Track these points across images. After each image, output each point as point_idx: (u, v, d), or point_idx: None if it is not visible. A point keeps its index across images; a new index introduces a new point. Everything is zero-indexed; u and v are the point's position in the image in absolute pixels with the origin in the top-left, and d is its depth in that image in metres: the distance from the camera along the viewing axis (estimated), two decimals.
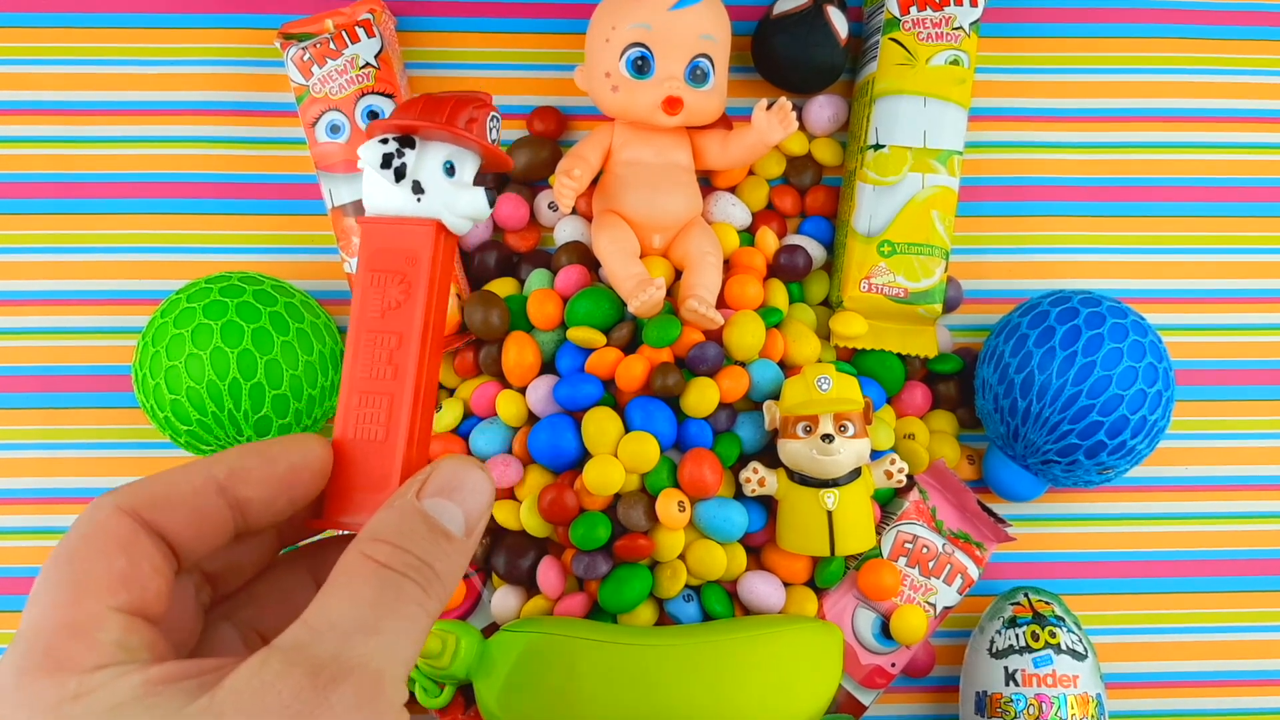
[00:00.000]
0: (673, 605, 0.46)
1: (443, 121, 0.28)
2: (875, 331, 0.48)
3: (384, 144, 0.28)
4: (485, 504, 0.25)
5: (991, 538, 0.47)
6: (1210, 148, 0.53)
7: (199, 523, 0.23)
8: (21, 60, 0.50)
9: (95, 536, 0.22)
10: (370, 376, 0.27)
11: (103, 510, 0.22)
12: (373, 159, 0.27)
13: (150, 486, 0.23)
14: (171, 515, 0.22)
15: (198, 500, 0.23)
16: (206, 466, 0.23)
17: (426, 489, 0.24)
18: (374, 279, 0.27)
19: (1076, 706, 0.43)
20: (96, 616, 0.21)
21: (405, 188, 0.27)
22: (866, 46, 0.50)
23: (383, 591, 0.22)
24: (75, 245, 0.50)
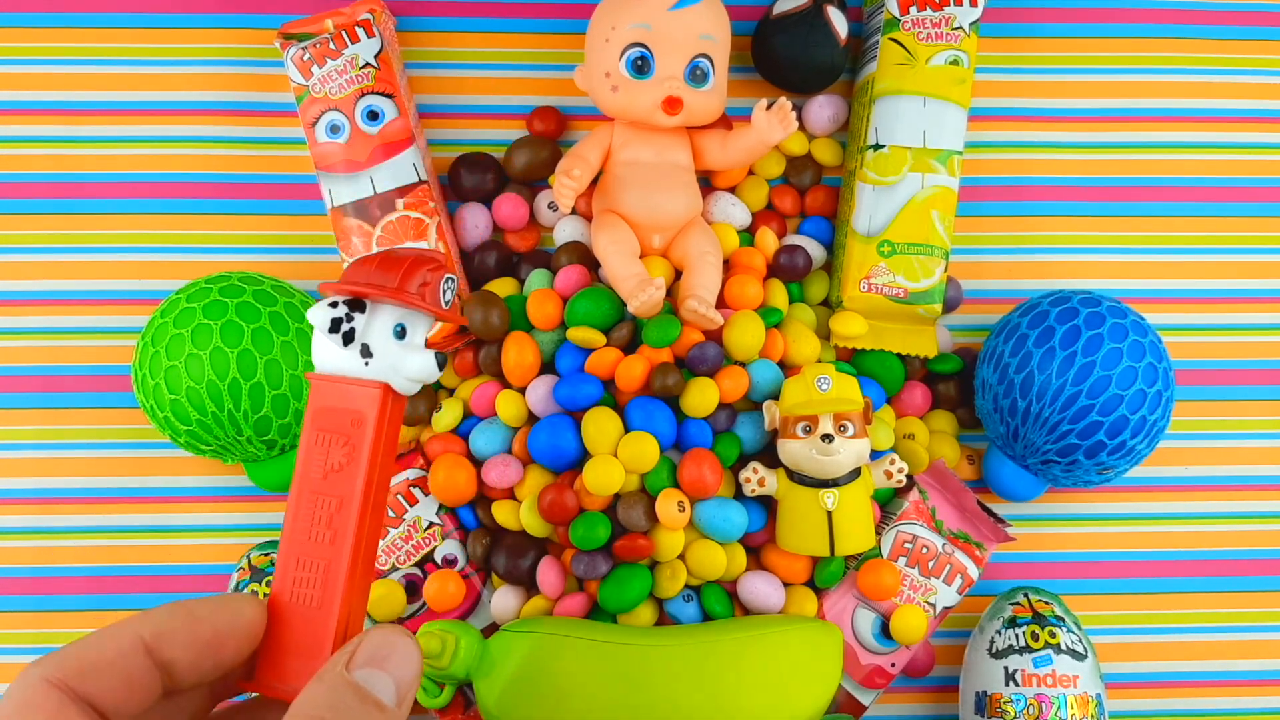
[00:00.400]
0: (672, 605, 0.46)
1: (394, 288, 0.27)
2: (875, 331, 0.48)
3: (333, 308, 0.27)
4: (415, 672, 0.25)
5: (991, 538, 0.47)
6: (1210, 148, 0.53)
7: (127, 686, 0.23)
8: (21, 60, 0.50)
9: (22, 714, 0.21)
10: (308, 539, 0.26)
11: (30, 684, 0.22)
12: (321, 322, 0.27)
13: (76, 653, 0.23)
14: (98, 681, 0.23)
15: (124, 664, 0.23)
16: (134, 627, 0.23)
17: (356, 660, 0.24)
18: (318, 438, 0.27)
19: (1076, 706, 0.43)
20: None
21: (353, 351, 0.27)
22: (866, 46, 0.50)
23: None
24: (75, 245, 0.50)
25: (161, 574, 0.49)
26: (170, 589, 0.49)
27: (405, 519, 0.46)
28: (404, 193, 0.46)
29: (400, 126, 0.47)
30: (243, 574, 0.45)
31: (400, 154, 0.46)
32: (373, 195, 0.46)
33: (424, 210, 0.47)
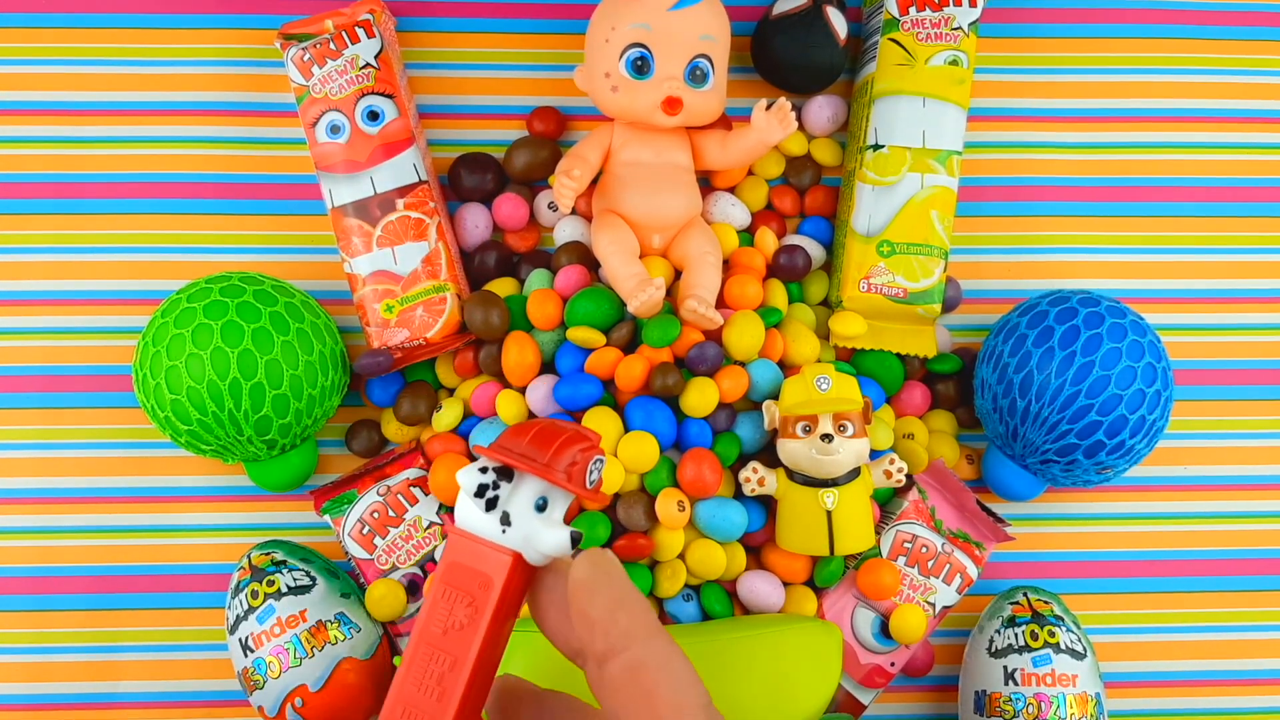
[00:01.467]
0: (672, 605, 0.46)
1: (543, 464, 0.27)
2: (874, 331, 0.48)
3: (483, 473, 0.27)
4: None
5: (990, 537, 0.47)
6: (1210, 148, 0.53)
7: None
8: (21, 60, 0.50)
9: None
10: (417, 690, 0.26)
11: None
12: (469, 485, 0.27)
13: None
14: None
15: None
16: None
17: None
18: (445, 591, 0.27)
19: (1075, 706, 0.43)
20: None
21: (494, 517, 0.27)
22: (866, 47, 0.50)
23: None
24: (75, 245, 0.50)
25: (161, 574, 0.49)
26: (170, 589, 0.49)
27: (405, 519, 0.46)
28: (404, 193, 0.46)
29: (400, 127, 0.47)
30: (243, 574, 0.45)
31: (400, 154, 0.47)
32: (373, 195, 0.46)
33: (424, 210, 0.47)
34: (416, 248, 0.46)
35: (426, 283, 0.46)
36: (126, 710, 0.48)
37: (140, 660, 0.48)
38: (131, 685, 0.48)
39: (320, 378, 0.45)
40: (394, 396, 0.48)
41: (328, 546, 0.49)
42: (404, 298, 0.46)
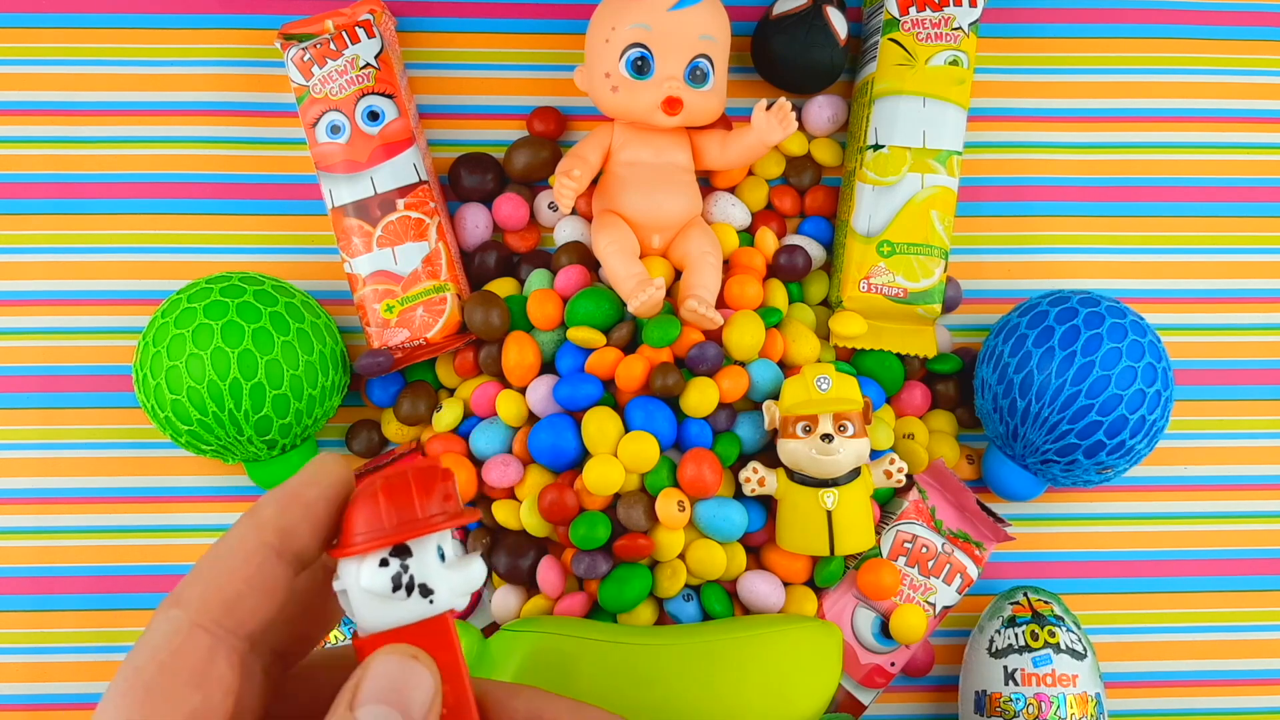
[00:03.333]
0: (672, 605, 0.46)
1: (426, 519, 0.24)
2: (874, 331, 0.48)
3: (385, 566, 0.24)
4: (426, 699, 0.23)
5: (991, 537, 0.47)
6: (1210, 148, 0.53)
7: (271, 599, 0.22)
8: (21, 60, 0.50)
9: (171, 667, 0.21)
10: None
11: (179, 630, 0.21)
12: (383, 587, 0.24)
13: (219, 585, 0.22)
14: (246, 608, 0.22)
15: (262, 577, 0.22)
16: (255, 534, 0.22)
17: (359, 696, 0.22)
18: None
19: (1076, 706, 0.43)
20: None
21: (415, 598, 0.24)
22: (866, 47, 0.50)
23: None
24: (75, 245, 0.50)
25: (161, 574, 0.49)
26: (170, 589, 0.48)
27: None
28: (404, 193, 0.46)
29: (400, 127, 0.47)
30: None
31: (400, 154, 0.47)
32: (373, 195, 0.46)
33: (424, 210, 0.47)
34: (417, 248, 0.46)
35: (427, 283, 0.46)
36: None
37: None
38: None
39: (320, 378, 0.45)
40: (394, 396, 0.48)
41: None
42: (404, 298, 0.46)
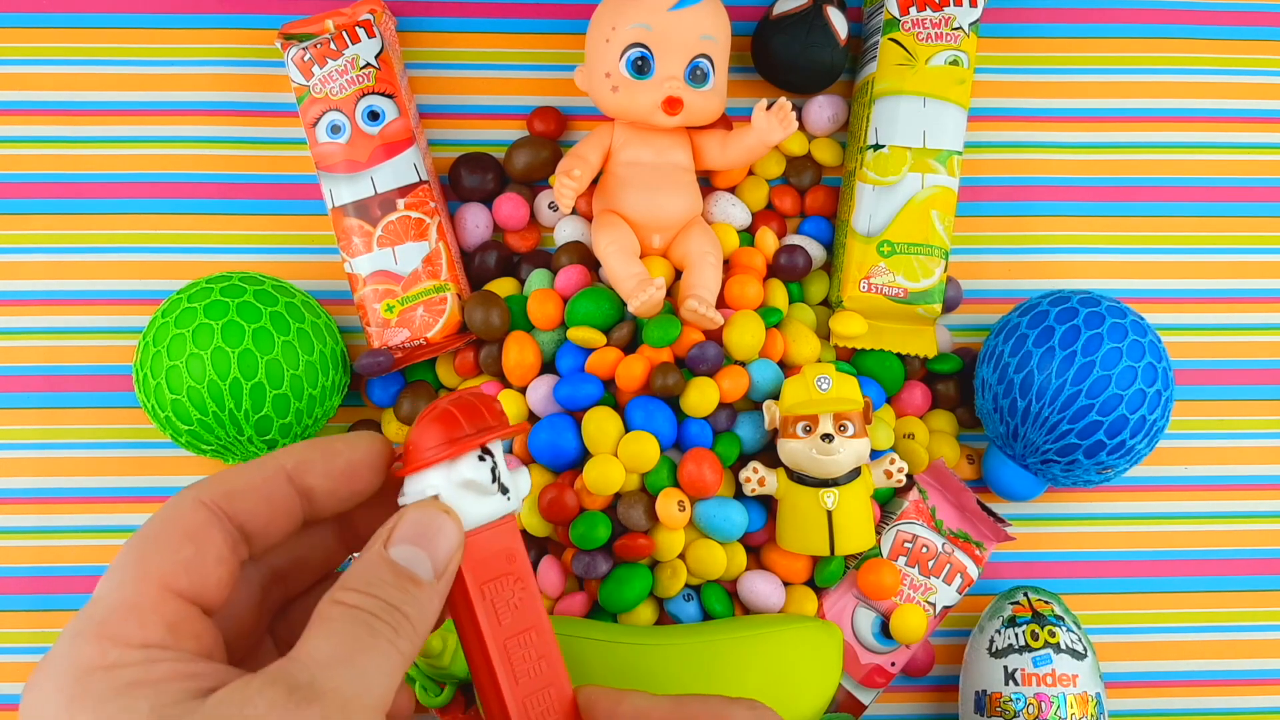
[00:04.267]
0: (673, 605, 0.46)
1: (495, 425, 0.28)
2: (875, 331, 0.48)
3: (482, 461, 0.27)
4: (453, 548, 0.26)
5: (991, 537, 0.47)
6: (1210, 148, 0.53)
7: (270, 508, 0.25)
8: (21, 60, 0.50)
9: (169, 526, 0.24)
10: (530, 677, 0.27)
11: (183, 501, 0.24)
12: (485, 478, 0.27)
13: (227, 479, 0.25)
14: (246, 503, 0.25)
15: (269, 488, 0.25)
16: (276, 459, 0.26)
17: (393, 538, 0.25)
18: (485, 592, 0.27)
19: (1076, 706, 0.43)
20: (154, 599, 0.23)
21: (497, 494, 0.27)
22: (866, 47, 0.50)
23: (355, 631, 0.23)
24: (75, 245, 0.50)
25: None
26: None
27: None
28: (405, 193, 0.46)
29: (401, 126, 0.47)
30: None
31: (401, 154, 0.47)
32: (373, 195, 0.46)
33: (424, 210, 0.47)
34: (417, 248, 0.46)
35: (427, 283, 0.46)
36: None
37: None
38: None
39: (321, 378, 0.45)
40: (394, 396, 0.48)
41: None
42: (404, 298, 0.46)
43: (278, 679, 0.22)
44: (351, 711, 0.22)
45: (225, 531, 0.24)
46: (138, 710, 0.21)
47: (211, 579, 0.24)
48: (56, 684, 0.22)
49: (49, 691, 0.22)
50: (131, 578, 0.23)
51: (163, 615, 0.23)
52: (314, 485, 0.26)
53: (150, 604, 0.23)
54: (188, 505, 0.24)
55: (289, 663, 0.23)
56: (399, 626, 0.24)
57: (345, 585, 0.24)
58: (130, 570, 0.23)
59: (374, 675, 0.23)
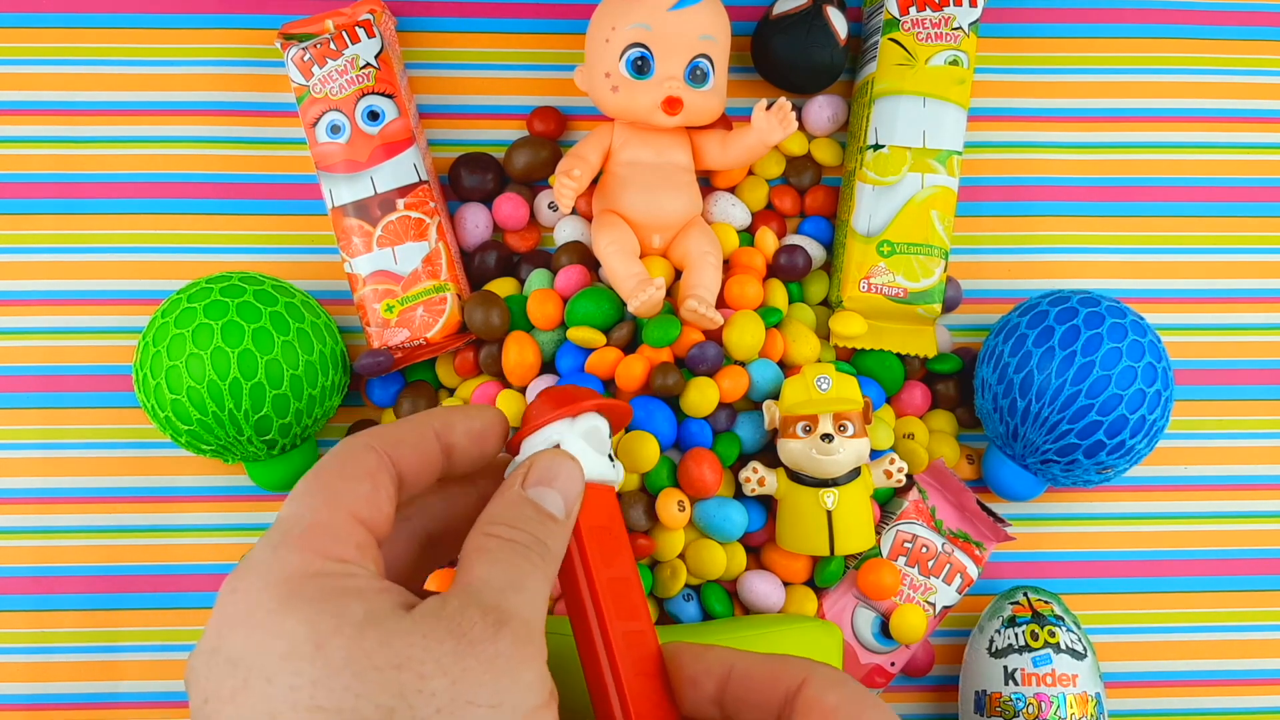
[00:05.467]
0: (673, 605, 0.46)
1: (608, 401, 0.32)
2: (875, 331, 0.48)
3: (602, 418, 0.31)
4: (579, 490, 0.29)
5: (991, 537, 0.47)
6: (1210, 148, 0.53)
7: (421, 460, 0.28)
8: (21, 60, 0.50)
9: (349, 464, 0.27)
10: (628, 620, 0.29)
11: (356, 445, 0.27)
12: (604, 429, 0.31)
13: (390, 430, 0.28)
14: (404, 452, 0.28)
15: (423, 442, 0.28)
16: (426, 418, 0.29)
17: (529, 480, 0.28)
18: (594, 536, 0.29)
19: (1076, 705, 0.43)
20: (345, 522, 0.25)
21: (607, 458, 0.31)
22: (866, 47, 0.50)
23: (516, 560, 0.26)
24: (75, 245, 0.50)
25: (161, 574, 0.49)
26: (170, 588, 0.49)
27: None
28: (404, 193, 0.46)
29: (400, 126, 0.47)
30: None
31: (401, 154, 0.47)
32: (373, 195, 0.46)
33: (424, 210, 0.47)
34: (417, 248, 0.46)
35: (427, 283, 0.46)
36: (126, 710, 0.48)
37: (140, 660, 0.48)
38: (131, 685, 0.48)
39: (320, 378, 0.45)
40: (394, 396, 0.48)
41: None
42: (404, 298, 0.46)
43: (471, 600, 0.24)
44: (534, 631, 0.25)
45: (391, 474, 0.27)
46: (351, 613, 0.23)
47: (384, 512, 0.26)
48: (265, 586, 0.23)
49: (258, 593, 0.23)
50: (322, 503, 0.25)
51: (353, 537, 0.25)
52: (455, 443, 0.29)
53: (342, 525, 0.25)
54: (361, 448, 0.27)
55: (468, 586, 0.25)
56: (545, 557, 0.27)
57: (494, 520, 0.27)
58: (319, 497, 0.26)
59: (540, 599, 0.26)
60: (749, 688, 0.27)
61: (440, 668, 0.22)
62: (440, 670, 0.22)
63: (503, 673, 0.23)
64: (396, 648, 0.22)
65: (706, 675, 0.28)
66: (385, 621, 0.23)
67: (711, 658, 0.28)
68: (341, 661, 0.22)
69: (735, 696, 0.27)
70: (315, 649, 0.22)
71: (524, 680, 0.23)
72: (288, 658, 0.22)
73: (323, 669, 0.22)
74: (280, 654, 0.22)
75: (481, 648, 0.23)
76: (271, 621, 0.23)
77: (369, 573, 0.25)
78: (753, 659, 0.28)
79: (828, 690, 0.26)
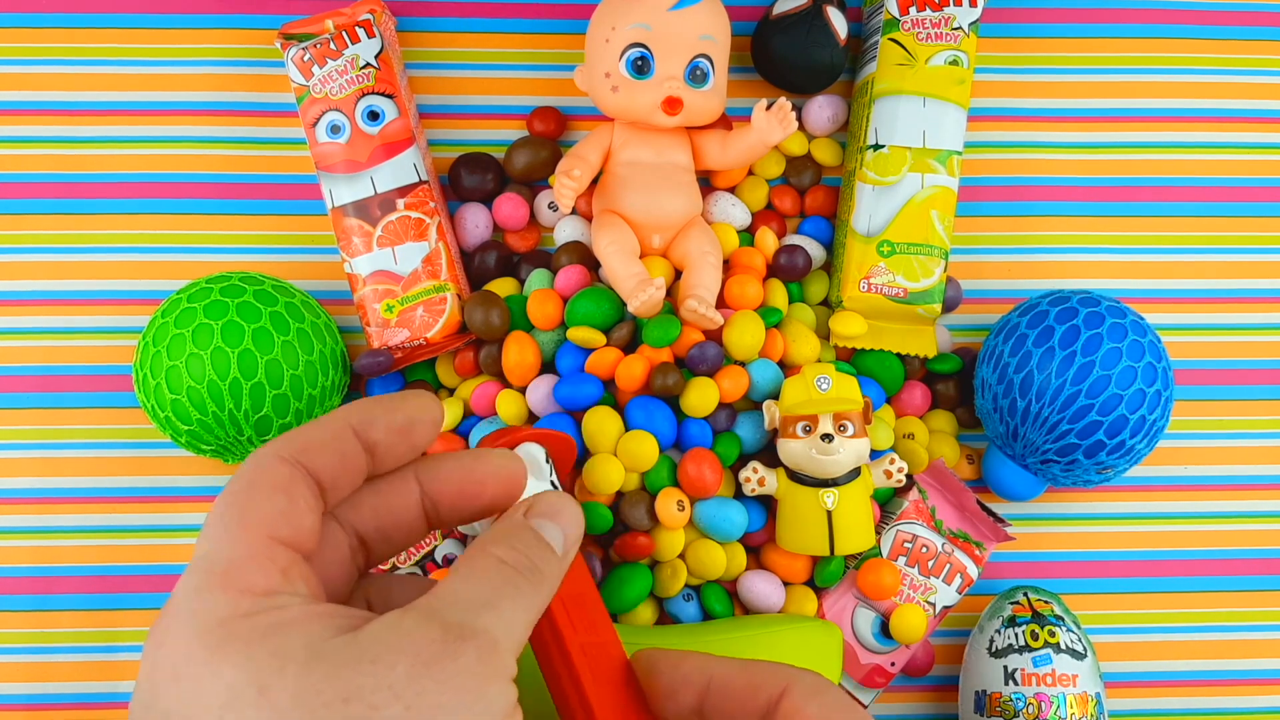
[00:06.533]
0: (673, 605, 0.46)
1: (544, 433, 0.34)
2: (875, 331, 0.48)
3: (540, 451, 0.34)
4: (579, 530, 0.28)
5: (991, 537, 0.47)
6: (1210, 148, 0.53)
7: (341, 462, 0.26)
8: (21, 60, 0.50)
9: (258, 482, 0.25)
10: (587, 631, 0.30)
11: (263, 458, 0.25)
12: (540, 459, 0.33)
13: (298, 436, 0.26)
14: (319, 457, 0.26)
15: (338, 443, 0.26)
16: (342, 415, 0.27)
17: (533, 512, 0.28)
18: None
19: (1076, 705, 0.43)
20: (264, 548, 0.24)
21: (551, 485, 0.33)
22: (866, 47, 0.50)
23: (501, 578, 0.25)
24: (75, 245, 0.50)
25: (161, 574, 0.49)
26: (170, 589, 0.49)
27: None
28: (404, 193, 0.46)
29: (400, 126, 0.47)
30: None
31: (401, 154, 0.47)
32: (373, 195, 0.46)
33: (424, 210, 0.47)
34: (417, 248, 0.46)
35: (427, 283, 0.46)
36: (126, 710, 0.48)
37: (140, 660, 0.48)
38: (131, 685, 0.48)
39: (320, 378, 0.45)
40: None
41: None
42: (404, 298, 0.46)
43: (431, 616, 0.23)
44: (501, 652, 0.23)
45: (307, 483, 0.25)
46: (291, 649, 0.22)
47: (306, 527, 0.25)
48: (194, 635, 0.22)
49: (187, 643, 0.22)
50: (237, 530, 0.24)
51: (276, 562, 0.24)
52: (377, 440, 0.27)
53: (263, 552, 0.24)
54: (269, 460, 0.25)
55: (436, 601, 0.24)
56: (538, 584, 0.26)
57: (493, 539, 0.26)
58: (233, 524, 0.24)
59: (516, 622, 0.24)
60: (728, 698, 0.27)
61: (393, 694, 0.21)
62: (393, 697, 0.21)
63: (462, 691, 0.22)
64: (344, 679, 0.21)
65: (685, 686, 0.27)
66: (329, 653, 0.22)
67: (689, 667, 0.28)
68: (288, 703, 0.21)
69: (714, 707, 0.27)
70: (259, 694, 0.21)
71: (487, 696, 0.22)
72: (229, 707, 0.21)
73: (269, 713, 0.21)
74: (221, 704, 0.21)
75: (438, 668, 0.22)
76: (206, 672, 0.22)
77: (302, 598, 0.24)
78: (732, 668, 0.27)
79: (809, 699, 0.26)
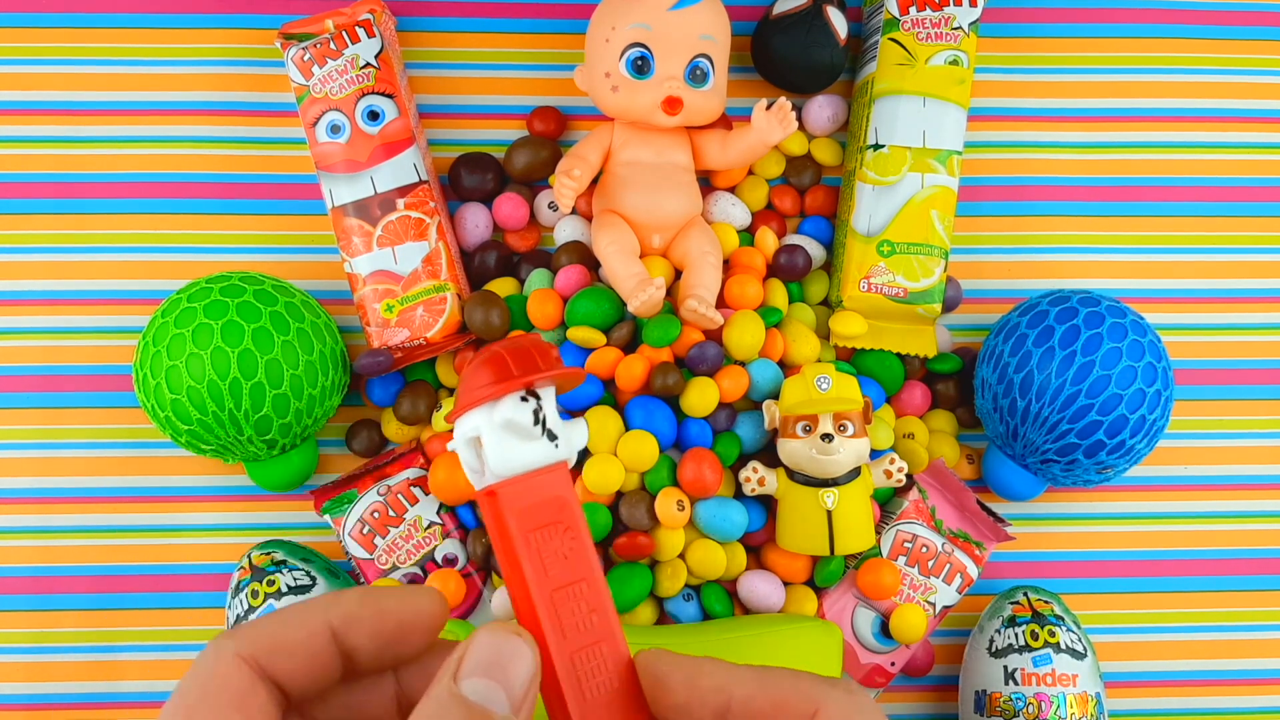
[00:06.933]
0: (672, 605, 0.46)
1: (555, 369, 0.26)
2: (875, 331, 0.48)
3: (525, 402, 0.26)
4: (528, 676, 0.24)
5: (991, 537, 0.47)
6: (1210, 148, 0.53)
7: (310, 666, 0.23)
8: (21, 60, 0.50)
9: (214, 689, 0.22)
10: (578, 632, 0.25)
11: (223, 658, 0.23)
12: (524, 419, 0.26)
13: (268, 631, 0.23)
14: (286, 661, 0.23)
15: (311, 645, 0.23)
16: (322, 610, 0.24)
17: (463, 669, 0.23)
18: (531, 539, 0.25)
19: (1076, 705, 0.43)
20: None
21: (543, 439, 0.26)
22: (866, 46, 0.50)
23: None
24: (75, 245, 0.50)
25: (161, 574, 0.49)
26: (170, 589, 0.49)
27: (405, 519, 0.46)
28: (404, 193, 0.46)
29: (400, 126, 0.47)
30: (243, 573, 0.45)
31: (401, 154, 0.47)
32: (373, 195, 0.46)
33: (424, 210, 0.47)
34: (417, 247, 0.46)
35: (427, 282, 0.46)
36: (126, 710, 0.48)
37: (140, 660, 0.48)
38: (131, 685, 0.48)
39: (320, 377, 0.45)
40: (394, 396, 0.48)
41: (328, 546, 0.49)
42: (404, 297, 0.46)
43: None
44: None
45: (269, 691, 0.23)
46: None
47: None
48: None
49: None
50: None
51: None
52: (359, 645, 0.24)
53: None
54: (228, 664, 0.23)
55: None
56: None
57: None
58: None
59: None
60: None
61: None
62: None
63: None
64: None
65: (701, 707, 0.24)
66: None
67: (706, 685, 0.24)
68: None
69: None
70: None
71: None
72: None
73: None
74: None
75: None
76: None
77: None
78: (753, 683, 0.24)
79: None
